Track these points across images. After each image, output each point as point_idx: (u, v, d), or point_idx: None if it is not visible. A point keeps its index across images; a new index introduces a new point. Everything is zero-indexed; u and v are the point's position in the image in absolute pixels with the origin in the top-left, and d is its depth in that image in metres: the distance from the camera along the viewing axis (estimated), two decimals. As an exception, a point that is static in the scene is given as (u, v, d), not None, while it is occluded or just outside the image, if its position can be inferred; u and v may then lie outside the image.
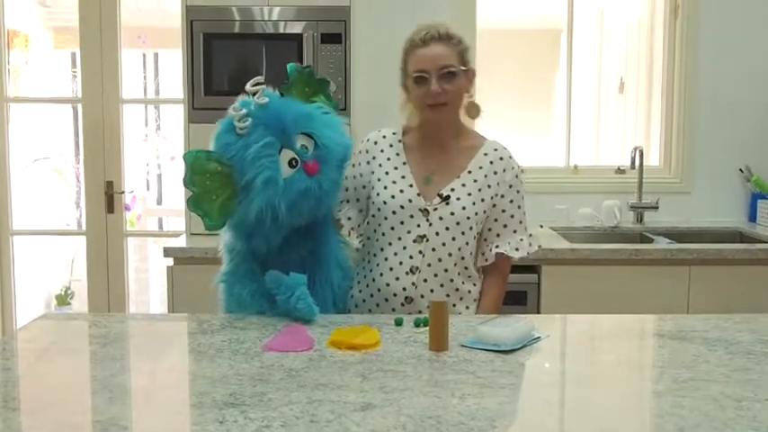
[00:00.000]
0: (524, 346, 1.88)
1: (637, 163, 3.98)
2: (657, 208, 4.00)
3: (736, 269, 3.38)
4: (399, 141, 2.38)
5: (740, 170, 4.09)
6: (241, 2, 3.56)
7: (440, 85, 2.24)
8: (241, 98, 2.11)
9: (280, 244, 2.15)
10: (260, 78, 2.11)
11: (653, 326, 2.15)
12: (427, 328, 1.94)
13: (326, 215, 2.25)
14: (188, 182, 2.03)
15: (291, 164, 2.06)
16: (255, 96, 2.08)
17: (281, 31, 3.55)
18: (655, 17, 4.31)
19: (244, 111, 2.06)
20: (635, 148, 3.98)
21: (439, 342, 1.84)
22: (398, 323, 2.06)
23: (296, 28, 3.53)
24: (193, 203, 2.04)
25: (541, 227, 3.87)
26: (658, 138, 4.26)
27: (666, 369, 1.74)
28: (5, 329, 4.36)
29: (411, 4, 3.74)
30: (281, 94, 2.18)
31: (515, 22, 5.58)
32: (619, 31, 4.86)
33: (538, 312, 3.31)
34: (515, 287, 3.30)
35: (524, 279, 3.34)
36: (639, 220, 4.03)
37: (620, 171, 4.18)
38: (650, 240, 3.74)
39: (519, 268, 3.30)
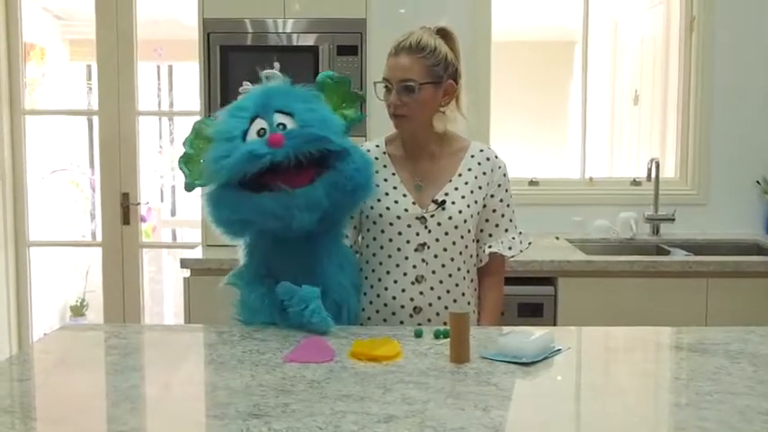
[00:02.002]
0: (545, 359, 1.87)
1: (653, 175, 3.96)
2: (674, 220, 3.98)
3: (755, 281, 3.36)
4: (384, 153, 2.35)
5: (757, 182, 4.07)
6: (257, 14, 3.57)
7: (398, 97, 2.20)
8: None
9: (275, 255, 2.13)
10: (277, 65, 2.18)
11: (674, 338, 2.14)
12: (447, 339, 1.94)
13: (329, 230, 2.18)
14: (187, 141, 2.12)
15: (260, 133, 2.02)
16: (267, 78, 2.15)
17: (298, 43, 3.56)
18: (670, 30, 4.31)
19: (249, 86, 2.14)
20: (651, 160, 3.97)
21: (460, 354, 1.84)
22: (418, 335, 2.06)
23: (312, 40, 3.55)
24: (183, 161, 2.12)
25: (557, 239, 3.85)
26: (674, 149, 4.25)
27: (689, 382, 1.73)
28: (22, 340, 4.37)
29: (427, 16, 3.74)
30: None
31: (528, 34, 5.60)
32: (633, 43, 4.87)
33: (554, 324, 3.29)
34: (531, 299, 3.31)
35: (541, 291, 3.33)
36: (656, 231, 4.02)
37: (635, 183, 4.16)
38: (666, 252, 3.72)
39: (535, 280, 3.33)
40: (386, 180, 2.31)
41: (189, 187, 2.14)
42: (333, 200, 2.04)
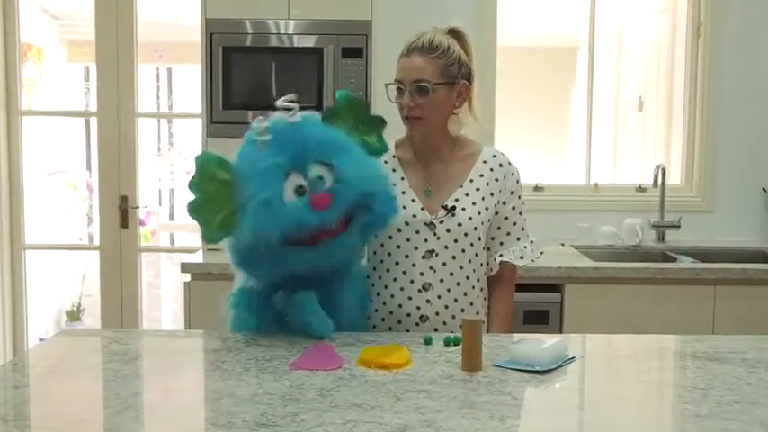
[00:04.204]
0: (559, 367, 1.82)
1: (659, 181, 3.92)
2: (679, 227, 3.94)
3: (762, 289, 3.32)
4: (394, 157, 2.29)
5: (763, 189, 4.04)
6: (261, 15, 3.52)
7: (412, 98, 2.15)
8: (275, 115, 2.01)
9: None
10: (293, 96, 2.00)
11: (688, 346, 2.10)
12: (457, 347, 1.89)
13: (340, 270, 2.11)
14: (193, 185, 1.92)
15: (299, 191, 1.92)
16: (288, 114, 1.99)
17: (302, 44, 3.51)
18: (676, 35, 4.27)
19: (266, 124, 1.96)
20: (658, 166, 3.94)
21: (473, 362, 1.79)
22: (428, 341, 2.01)
23: (316, 42, 3.50)
24: (194, 209, 1.91)
25: (562, 245, 3.81)
26: (679, 156, 4.21)
27: (709, 391, 1.68)
28: (17, 345, 4.31)
29: (433, 19, 3.70)
30: (322, 121, 2.07)
31: (532, 40, 5.57)
32: (638, 49, 4.83)
33: (560, 331, 3.25)
34: (538, 306, 3.27)
35: (547, 298, 3.29)
36: (661, 238, 3.98)
37: (641, 189, 4.13)
38: (672, 259, 3.68)
39: (542, 287, 3.28)
40: (394, 185, 2.24)
41: (210, 240, 1.97)
42: (366, 237, 2.07)
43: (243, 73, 3.51)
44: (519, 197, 2.30)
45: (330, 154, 1.96)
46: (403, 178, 2.26)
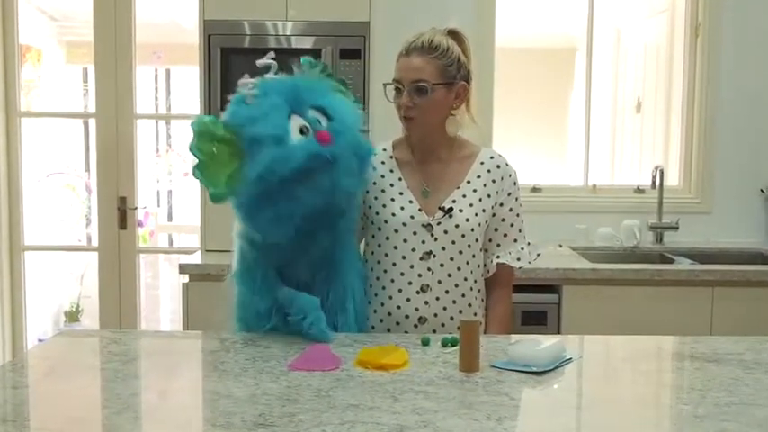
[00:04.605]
0: (557, 368, 1.82)
1: (657, 182, 3.92)
2: (677, 228, 3.94)
3: (760, 291, 3.32)
4: (391, 157, 2.29)
5: (761, 190, 4.04)
6: (259, 16, 3.53)
7: (410, 98, 2.15)
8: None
9: (293, 247, 2.03)
10: (272, 54, 2.06)
11: (686, 347, 2.09)
12: (455, 347, 1.90)
13: (346, 224, 2.13)
14: (194, 148, 1.90)
15: (302, 131, 1.95)
16: (267, 73, 2.04)
17: (300, 46, 3.52)
18: (674, 36, 4.28)
19: (253, 80, 2.00)
20: (656, 168, 3.94)
21: (470, 363, 1.79)
22: (425, 342, 2.01)
23: (314, 43, 3.50)
24: (199, 171, 1.91)
25: (560, 246, 3.81)
26: (677, 157, 4.21)
27: (706, 392, 1.69)
28: (16, 345, 4.31)
29: (431, 20, 3.71)
30: None
31: (530, 41, 5.57)
32: (636, 50, 4.84)
33: (558, 332, 3.25)
34: (535, 307, 3.28)
35: (545, 299, 3.29)
36: (659, 240, 3.98)
37: (639, 191, 4.13)
38: (670, 261, 3.68)
39: (540, 288, 3.29)
40: (392, 185, 2.25)
41: (218, 198, 1.94)
42: (362, 170, 2.07)
43: (241, 74, 3.50)
44: (516, 199, 2.30)
45: (321, 98, 2.02)
46: (401, 179, 2.25)
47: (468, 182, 2.25)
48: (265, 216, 1.95)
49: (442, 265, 2.20)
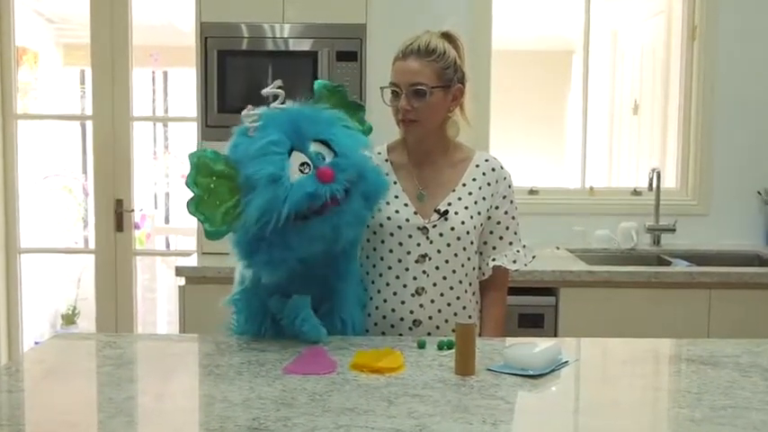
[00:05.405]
0: (552, 371, 1.82)
1: (654, 184, 3.92)
2: (675, 230, 3.94)
3: (757, 293, 3.32)
4: (386, 161, 2.28)
5: (758, 192, 4.04)
6: (255, 19, 3.52)
7: (409, 101, 2.13)
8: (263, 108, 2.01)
9: (293, 277, 1.99)
10: (278, 82, 2.01)
11: (683, 350, 2.10)
12: (451, 351, 1.89)
13: (347, 251, 2.09)
14: (191, 182, 1.88)
15: (302, 170, 1.91)
16: (274, 102, 2.00)
17: (296, 48, 3.51)
18: (671, 38, 4.28)
19: (256, 111, 1.96)
20: (653, 170, 3.93)
21: (466, 366, 1.78)
22: (421, 346, 2.01)
23: (311, 45, 3.50)
24: (194, 206, 1.88)
25: (557, 248, 3.81)
26: (674, 159, 4.21)
27: (702, 396, 1.68)
28: (12, 348, 4.30)
29: (428, 22, 3.71)
30: None
31: (527, 43, 5.58)
32: (633, 52, 4.84)
33: (555, 335, 3.24)
34: (532, 309, 3.27)
35: (542, 302, 3.28)
36: (656, 242, 3.98)
37: (636, 193, 4.13)
38: (668, 263, 3.68)
39: (536, 291, 3.28)
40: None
41: (214, 236, 1.90)
42: (370, 207, 2.05)
43: (238, 76, 3.51)
44: (511, 201, 2.30)
45: (324, 130, 1.98)
46: (396, 182, 2.25)
47: (464, 184, 2.25)
48: (260, 259, 1.93)
49: (437, 268, 2.20)
